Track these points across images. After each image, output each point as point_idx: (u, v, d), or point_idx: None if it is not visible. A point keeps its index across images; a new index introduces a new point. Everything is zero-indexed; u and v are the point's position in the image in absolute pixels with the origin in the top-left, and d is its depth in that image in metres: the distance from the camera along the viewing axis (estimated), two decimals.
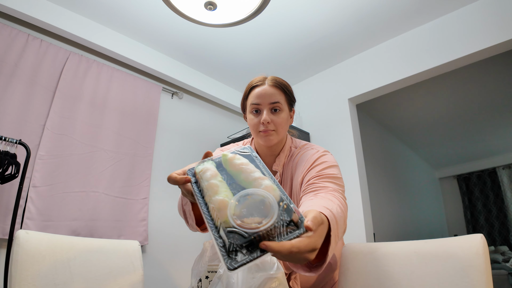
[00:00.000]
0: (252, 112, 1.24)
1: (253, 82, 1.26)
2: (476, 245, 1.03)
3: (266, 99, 1.21)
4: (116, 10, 2.55)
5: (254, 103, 1.22)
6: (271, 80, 1.24)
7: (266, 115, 1.20)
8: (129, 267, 1.57)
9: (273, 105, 1.21)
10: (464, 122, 5.20)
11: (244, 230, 0.56)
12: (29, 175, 2.09)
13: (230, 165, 0.73)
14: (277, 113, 1.22)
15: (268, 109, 1.21)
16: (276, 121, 1.21)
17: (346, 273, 1.32)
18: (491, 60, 3.02)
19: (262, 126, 1.20)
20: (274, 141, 1.23)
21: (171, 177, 0.76)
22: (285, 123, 1.25)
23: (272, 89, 1.22)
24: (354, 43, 3.07)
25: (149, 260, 2.62)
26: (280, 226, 0.58)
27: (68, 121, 2.36)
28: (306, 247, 0.57)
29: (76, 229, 2.23)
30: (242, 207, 0.60)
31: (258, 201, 0.61)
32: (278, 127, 1.21)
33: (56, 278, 1.25)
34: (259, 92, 1.22)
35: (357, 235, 2.80)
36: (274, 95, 1.21)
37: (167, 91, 3.22)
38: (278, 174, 1.28)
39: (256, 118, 1.23)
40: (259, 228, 0.56)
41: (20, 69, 2.20)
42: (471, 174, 7.21)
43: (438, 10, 2.68)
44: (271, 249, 0.54)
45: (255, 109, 1.23)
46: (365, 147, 3.60)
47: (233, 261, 0.55)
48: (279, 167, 1.28)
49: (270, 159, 1.32)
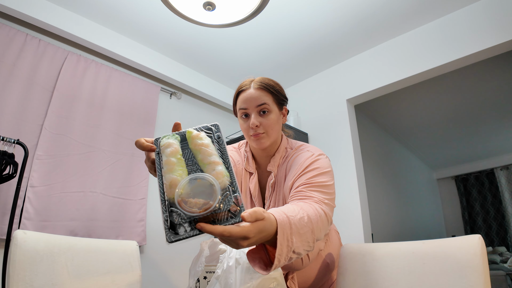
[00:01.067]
0: (241, 117, 1.25)
1: (240, 87, 1.27)
2: (474, 246, 1.03)
3: (252, 103, 1.21)
4: (114, 10, 2.55)
5: (242, 108, 1.23)
6: (257, 83, 1.24)
7: (254, 118, 1.20)
8: (127, 268, 1.57)
9: (260, 107, 1.21)
10: (462, 123, 5.21)
11: (185, 211, 0.62)
12: (27, 175, 2.09)
13: (192, 143, 0.75)
14: (265, 115, 1.22)
15: (255, 112, 1.21)
16: (265, 124, 1.21)
17: (345, 273, 1.32)
18: (489, 61, 3.03)
19: (252, 130, 1.21)
20: (266, 143, 1.23)
21: (138, 141, 0.77)
22: (275, 124, 1.24)
23: (257, 92, 1.22)
24: (353, 44, 3.08)
25: (147, 260, 2.62)
26: (222, 212, 0.64)
27: (66, 121, 2.36)
28: (237, 234, 0.63)
29: (74, 229, 2.22)
30: (190, 189, 0.65)
31: (205, 186, 0.65)
32: (268, 129, 1.22)
33: (53, 278, 1.25)
34: (245, 96, 1.23)
35: (355, 235, 2.80)
36: (259, 97, 1.21)
37: (165, 91, 3.21)
38: (273, 175, 1.28)
39: (246, 123, 1.24)
40: (198, 212, 0.62)
41: (18, 68, 2.20)
42: (469, 175, 7.23)
43: (436, 12, 2.68)
44: (205, 230, 0.61)
45: (244, 114, 1.24)
46: (363, 148, 3.60)
47: (173, 235, 0.62)
48: (274, 167, 1.28)
49: (266, 160, 1.33)
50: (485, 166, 6.99)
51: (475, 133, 5.65)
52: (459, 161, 7.18)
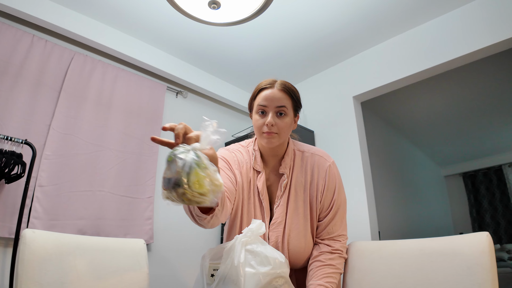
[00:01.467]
0: (258, 113, 1.27)
1: (263, 84, 1.29)
2: (482, 243, 1.03)
3: (273, 102, 1.24)
4: (120, 10, 2.56)
5: (261, 105, 1.25)
6: (280, 85, 1.27)
7: (271, 118, 1.23)
8: (135, 266, 1.58)
9: (279, 109, 1.24)
10: (470, 120, 5.17)
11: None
12: (35, 175, 2.10)
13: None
14: (282, 117, 1.25)
15: (273, 112, 1.24)
16: (280, 125, 1.24)
17: (352, 271, 1.32)
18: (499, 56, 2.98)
19: (266, 127, 1.24)
20: (276, 143, 1.26)
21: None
22: (288, 128, 1.28)
23: (280, 93, 1.25)
24: (359, 40, 3.06)
25: (155, 258, 2.63)
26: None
27: (74, 120, 2.37)
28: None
29: (82, 228, 2.24)
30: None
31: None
32: (281, 131, 1.25)
33: (62, 277, 1.26)
34: (267, 94, 1.25)
35: (362, 233, 2.79)
36: (281, 99, 1.25)
37: (171, 90, 3.22)
38: (285, 176, 1.31)
39: (261, 120, 1.26)
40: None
41: (25, 69, 2.21)
42: (477, 172, 7.16)
43: (444, 7, 2.66)
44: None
45: (261, 111, 1.26)
46: (370, 145, 3.59)
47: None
48: (286, 169, 1.32)
49: (273, 160, 1.36)
50: (493, 162, 6.92)
51: (483, 130, 5.60)
52: (467, 157, 7.12)
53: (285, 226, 1.25)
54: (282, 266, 1.04)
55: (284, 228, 1.25)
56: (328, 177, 1.30)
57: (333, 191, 1.30)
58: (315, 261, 1.24)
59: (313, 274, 1.19)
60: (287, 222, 1.25)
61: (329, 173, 1.31)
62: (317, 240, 1.30)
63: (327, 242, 1.27)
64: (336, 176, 1.34)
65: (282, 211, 1.27)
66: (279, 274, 1.01)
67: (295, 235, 1.25)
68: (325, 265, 1.21)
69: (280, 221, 1.26)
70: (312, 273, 1.20)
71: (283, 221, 1.26)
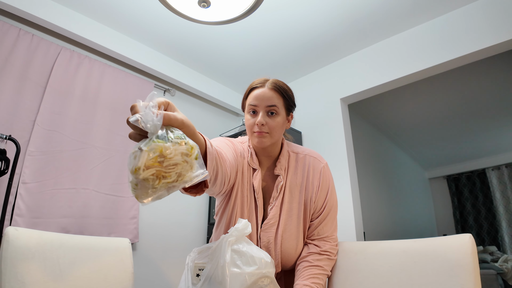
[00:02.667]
0: (249, 112, 1.27)
1: (254, 83, 1.28)
2: (465, 245, 1.04)
3: (264, 102, 1.23)
4: (109, 6, 2.53)
5: (252, 104, 1.24)
6: (271, 83, 1.26)
7: (261, 117, 1.22)
8: (119, 265, 1.56)
9: (269, 108, 1.23)
10: (454, 124, 5.25)
11: None
12: (18, 171, 2.07)
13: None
14: (273, 116, 1.24)
15: (264, 112, 1.23)
16: (270, 124, 1.23)
17: (337, 271, 1.33)
18: (482, 62, 3.06)
19: (257, 127, 1.23)
20: (267, 143, 1.25)
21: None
22: (280, 127, 1.27)
23: (270, 92, 1.24)
24: (347, 43, 3.09)
25: (140, 258, 2.61)
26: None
27: (59, 117, 2.34)
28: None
29: (66, 226, 2.21)
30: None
31: None
32: (272, 130, 1.24)
33: (45, 276, 1.24)
34: (257, 94, 1.24)
35: (348, 233, 2.81)
36: (271, 98, 1.23)
37: (159, 88, 3.20)
38: (281, 177, 1.30)
39: (252, 119, 1.25)
40: None
41: (11, 63, 2.18)
42: (461, 175, 7.28)
43: (430, 12, 2.70)
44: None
45: (252, 110, 1.25)
46: (356, 147, 3.62)
47: None
48: (281, 171, 1.31)
49: (266, 160, 1.35)
50: (477, 166, 7.04)
51: (467, 133, 5.70)
52: (451, 161, 7.23)
53: (278, 227, 1.24)
54: (268, 266, 1.04)
55: (277, 229, 1.24)
56: (322, 178, 1.31)
57: (326, 192, 1.31)
58: (303, 261, 1.24)
59: (300, 274, 1.20)
60: (281, 224, 1.25)
61: (323, 174, 1.32)
62: (307, 240, 1.30)
63: (317, 243, 1.28)
64: (329, 177, 1.35)
65: (276, 212, 1.26)
66: (265, 274, 1.01)
67: (288, 236, 1.24)
68: (312, 266, 1.21)
69: (273, 222, 1.25)
70: (299, 273, 1.21)
71: (276, 222, 1.25)
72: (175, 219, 2.99)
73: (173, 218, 2.98)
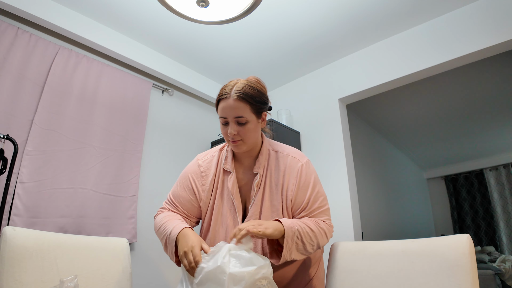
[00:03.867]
0: (221, 123, 1.31)
1: (220, 93, 1.29)
2: (462, 245, 1.05)
3: (231, 113, 1.24)
4: (107, 5, 2.53)
5: (221, 116, 1.28)
6: (236, 93, 1.24)
7: (231, 128, 1.25)
8: (117, 265, 1.56)
9: (237, 119, 1.25)
10: (452, 124, 5.26)
11: None
12: (16, 171, 2.06)
13: None
14: (243, 125, 1.26)
15: (233, 122, 1.26)
16: (242, 132, 1.26)
17: (335, 271, 1.33)
18: (479, 63, 3.06)
19: (230, 136, 1.27)
20: (243, 148, 1.31)
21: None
22: (252, 132, 1.29)
23: (235, 103, 1.23)
24: (346, 43, 3.09)
25: (138, 258, 2.61)
26: None
27: (57, 116, 2.34)
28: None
29: (64, 226, 2.21)
30: None
31: None
32: (245, 136, 1.27)
33: (43, 275, 1.24)
34: (224, 106, 1.26)
35: (346, 233, 2.81)
36: (237, 109, 1.23)
37: (157, 88, 3.20)
38: (259, 176, 1.34)
39: (225, 129, 1.30)
40: None
41: (8, 63, 2.17)
42: (459, 175, 7.30)
43: (429, 13, 2.70)
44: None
45: (223, 122, 1.29)
46: (354, 147, 3.62)
47: None
48: (259, 169, 1.35)
49: (249, 161, 1.40)
50: (475, 166, 7.06)
51: (465, 134, 5.71)
52: (449, 161, 7.25)
53: None
54: (266, 266, 1.04)
55: None
56: (299, 176, 1.32)
57: (307, 189, 1.31)
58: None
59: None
60: (262, 219, 1.27)
61: (300, 172, 1.32)
62: None
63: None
64: (310, 175, 1.35)
65: (255, 209, 1.30)
66: (263, 274, 1.01)
67: None
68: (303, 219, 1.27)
69: (254, 219, 1.27)
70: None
71: (256, 219, 1.28)
72: None
73: None
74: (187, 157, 3.28)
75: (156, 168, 2.98)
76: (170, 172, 3.09)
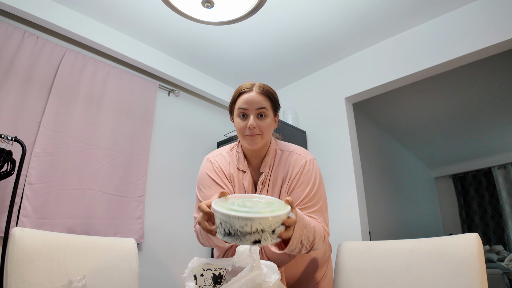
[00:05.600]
0: (239, 116, 1.33)
1: (242, 88, 1.35)
2: (471, 244, 1.04)
3: (253, 105, 1.30)
4: (113, 7, 2.54)
5: (242, 108, 1.31)
6: (259, 88, 1.33)
7: (253, 120, 1.29)
8: (125, 265, 1.57)
9: (259, 111, 1.30)
10: (460, 122, 5.22)
11: None
12: (24, 172, 2.08)
13: None
14: (263, 118, 1.31)
15: (254, 115, 1.30)
16: (261, 126, 1.30)
17: (343, 270, 1.33)
18: (487, 60, 3.03)
19: (248, 130, 1.29)
20: (259, 144, 1.32)
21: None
22: (270, 128, 1.34)
23: (259, 96, 1.31)
24: (351, 42, 3.08)
25: (145, 258, 2.62)
26: None
27: (64, 118, 2.35)
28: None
29: (72, 226, 2.22)
30: None
31: None
32: (263, 131, 1.31)
33: (51, 276, 1.25)
34: (246, 98, 1.31)
35: (353, 233, 2.80)
36: (260, 101, 1.30)
37: (163, 89, 3.21)
38: (264, 175, 1.37)
39: (243, 122, 1.32)
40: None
41: (16, 65, 2.19)
42: (467, 173, 7.24)
43: (435, 11, 2.68)
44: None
45: (242, 114, 1.32)
46: (361, 146, 3.61)
47: None
48: (265, 168, 1.38)
49: (257, 160, 1.42)
50: (483, 165, 7.00)
51: (473, 132, 5.66)
52: (457, 159, 7.19)
53: None
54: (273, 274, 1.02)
55: None
56: (302, 172, 1.32)
57: (308, 185, 1.30)
58: None
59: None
60: None
61: (303, 169, 1.33)
62: None
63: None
64: (313, 172, 1.34)
65: None
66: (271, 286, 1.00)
67: None
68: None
69: None
70: None
71: None
72: (181, 219, 3.00)
73: (179, 218, 2.99)
74: (193, 158, 3.29)
75: (163, 168, 2.99)
76: (177, 172, 3.10)
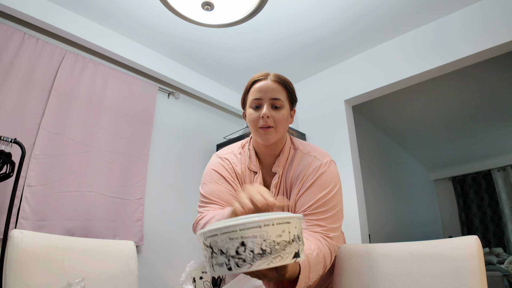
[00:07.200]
0: (252, 107, 1.23)
1: (255, 77, 1.25)
2: (471, 247, 1.04)
3: (268, 94, 1.20)
4: (113, 9, 2.54)
5: (255, 98, 1.21)
6: (274, 76, 1.23)
7: (266, 109, 1.18)
8: (124, 268, 1.57)
9: (273, 101, 1.20)
10: (460, 125, 5.22)
11: None
12: (24, 175, 2.08)
13: None
14: (278, 109, 1.21)
15: (268, 104, 1.20)
16: (276, 117, 1.20)
17: (342, 274, 1.32)
18: (486, 63, 3.04)
19: (262, 121, 1.19)
20: (273, 139, 1.21)
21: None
22: (285, 121, 1.23)
23: (274, 85, 1.21)
24: (351, 44, 3.08)
25: (144, 260, 2.62)
26: None
27: (64, 120, 2.35)
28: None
29: (71, 229, 2.22)
30: None
31: None
32: (278, 124, 1.20)
33: (50, 278, 1.24)
34: (260, 86, 1.21)
35: (353, 236, 2.80)
36: (275, 90, 1.20)
37: (163, 91, 3.21)
38: (277, 176, 1.26)
39: (256, 113, 1.21)
40: None
41: (16, 67, 2.19)
42: (466, 176, 7.24)
43: (435, 13, 2.69)
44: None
45: (256, 104, 1.22)
46: (360, 149, 3.61)
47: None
48: (278, 168, 1.27)
49: (270, 159, 1.31)
50: (482, 167, 7.00)
51: (472, 134, 5.66)
52: (456, 162, 7.19)
53: None
54: None
55: None
56: (316, 175, 1.20)
57: (322, 189, 1.17)
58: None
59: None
60: None
61: (318, 171, 1.20)
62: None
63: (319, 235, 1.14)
64: (329, 175, 1.21)
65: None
66: None
67: None
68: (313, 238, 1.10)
69: None
70: None
71: None
72: (180, 221, 2.99)
73: (178, 220, 2.98)
74: (193, 160, 3.29)
75: (163, 171, 2.99)
76: (177, 174, 3.10)
